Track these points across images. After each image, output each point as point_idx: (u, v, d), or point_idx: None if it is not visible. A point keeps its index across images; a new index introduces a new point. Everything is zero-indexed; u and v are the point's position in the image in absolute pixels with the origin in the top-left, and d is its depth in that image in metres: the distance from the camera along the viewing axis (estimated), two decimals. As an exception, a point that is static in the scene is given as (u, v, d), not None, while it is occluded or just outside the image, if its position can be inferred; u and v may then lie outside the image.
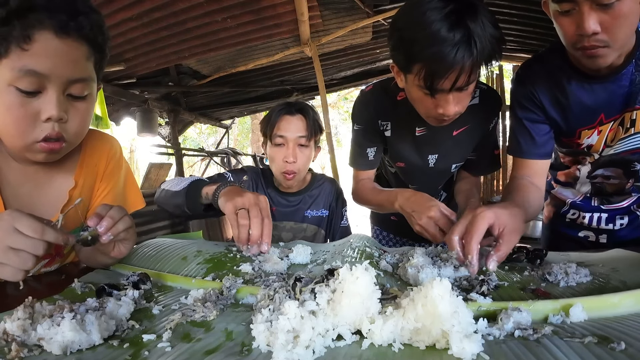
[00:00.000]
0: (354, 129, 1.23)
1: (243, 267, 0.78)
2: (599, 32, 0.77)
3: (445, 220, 0.92)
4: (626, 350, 0.41)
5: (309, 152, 1.33)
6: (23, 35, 0.64)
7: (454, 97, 0.90)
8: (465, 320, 0.44)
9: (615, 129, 0.95)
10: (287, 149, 1.28)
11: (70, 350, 0.46)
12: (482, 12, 0.83)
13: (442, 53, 0.81)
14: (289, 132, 1.28)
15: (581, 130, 0.98)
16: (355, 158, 1.27)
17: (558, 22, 0.84)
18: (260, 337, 0.46)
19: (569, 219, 1.17)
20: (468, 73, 0.85)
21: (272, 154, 1.31)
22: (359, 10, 3.47)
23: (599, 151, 1.00)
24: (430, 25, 0.81)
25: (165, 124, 6.19)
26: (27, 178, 0.83)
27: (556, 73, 0.96)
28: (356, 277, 0.48)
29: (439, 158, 1.20)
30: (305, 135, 1.29)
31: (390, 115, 1.16)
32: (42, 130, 0.71)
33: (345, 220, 1.45)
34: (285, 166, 1.28)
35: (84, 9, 0.71)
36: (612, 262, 0.72)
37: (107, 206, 0.69)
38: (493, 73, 5.40)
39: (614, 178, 1.03)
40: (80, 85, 0.73)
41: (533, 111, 1.02)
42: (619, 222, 1.07)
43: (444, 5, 0.81)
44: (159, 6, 2.74)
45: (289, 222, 1.38)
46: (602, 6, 0.75)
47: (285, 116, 1.29)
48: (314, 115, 1.33)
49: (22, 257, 0.57)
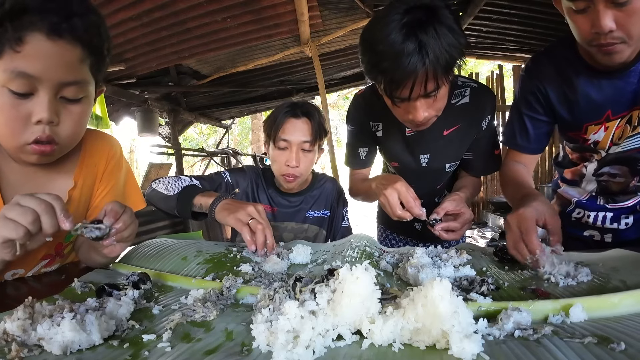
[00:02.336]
0: (347, 129, 1.31)
1: (243, 267, 0.78)
2: (615, 29, 0.77)
3: (407, 196, 0.98)
4: (626, 350, 0.41)
5: (312, 156, 1.30)
6: (15, 37, 0.64)
7: (422, 104, 0.94)
8: (465, 320, 0.44)
9: (622, 126, 0.95)
10: (290, 152, 1.25)
11: (70, 350, 0.46)
12: (443, 20, 0.85)
13: (396, 64, 0.85)
14: (294, 136, 1.24)
15: (588, 126, 0.99)
16: (348, 157, 1.35)
17: (572, 20, 0.84)
18: (260, 337, 0.46)
19: (574, 218, 1.17)
20: (423, 81, 0.87)
21: (274, 156, 1.29)
22: (359, 10, 3.47)
23: (606, 148, 1.01)
24: (387, 37, 0.85)
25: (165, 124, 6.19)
26: (27, 178, 0.83)
27: (565, 67, 0.97)
28: (356, 277, 0.48)
29: (431, 158, 1.21)
30: (310, 140, 1.25)
31: (382, 116, 1.19)
32: (33, 133, 0.70)
33: (346, 221, 1.44)
34: (287, 169, 1.25)
35: (80, 10, 0.69)
36: (612, 262, 0.72)
37: (122, 206, 0.69)
38: (493, 73, 5.41)
39: (619, 176, 1.03)
40: (73, 88, 0.72)
41: (536, 108, 1.04)
42: (624, 222, 1.07)
43: (401, 18, 0.85)
44: (159, 6, 2.74)
45: (290, 222, 1.36)
46: (618, 4, 0.75)
47: (291, 119, 1.25)
48: (319, 118, 1.29)
49: (9, 226, 0.58)
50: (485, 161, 1.24)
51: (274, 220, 1.35)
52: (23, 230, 0.58)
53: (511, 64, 5.10)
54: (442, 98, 0.97)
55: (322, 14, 3.32)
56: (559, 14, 0.90)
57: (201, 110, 6.23)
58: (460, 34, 0.87)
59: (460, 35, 0.87)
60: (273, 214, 1.36)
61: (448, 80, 0.93)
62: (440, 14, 0.85)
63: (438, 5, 0.86)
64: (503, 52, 4.71)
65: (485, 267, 0.77)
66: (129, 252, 0.91)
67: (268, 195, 1.36)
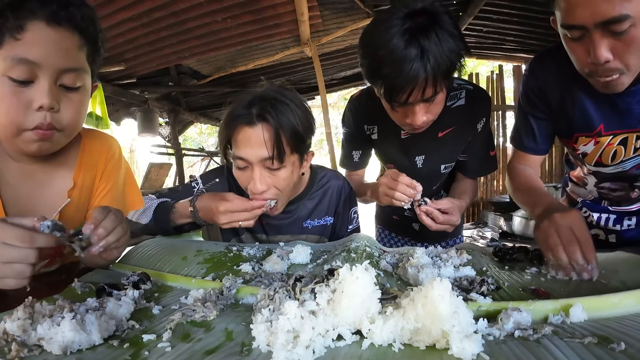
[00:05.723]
0: (343, 131, 1.31)
1: (243, 267, 0.78)
2: (612, 59, 0.73)
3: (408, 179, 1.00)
4: (626, 350, 0.41)
5: (285, 174, 0.94)
6: (16, 25, 0.66)
7: (420, 108, 0.94)
8: (465, 320, 0.44)
9: (614, 145, 0.93)
10: (252, 174, 0.92)
11: (70, 350, 0.46)
12: (444, 25, 0.85)
13: (397, 70, 0.85)
14: (249, 152, 0.91)
15: (578, 136, 0.98)
16: (342, 159, 1.37)
17: (569, 47, 0.81)
18: (260, 337, 0.46)
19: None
20: (423, 87, 0.88)
21: (237, 177, 0.98)
22: (359, 10, 3.47)
23: (592, 164, 1.00)
24: (388, 42, 0.85)
25: (165, 124, 6.19)
26: (25, 178, 0.83)
27: (567, 70, 0.92)
28: (356, 277, 0.48)
29: (426, 159, 1.22)
30: (272, 155, 0.89)
31: (377, 119, 1.19)
32: (34, 120, 0.72)
33: (355, 223, 1.20)
34: (255, 198, 0.94)
35: (76, 1, 0.73)
36: (612, 264, 0.72)
37: (104, 211, 0.68)
38: (493, 73, 5.41)
39: (619, 190, 1.03)
40: (72, 75, 0.73)
41: (539, 107, 1.03)
42: (627, 223, 1.08)
43: (402, 23, 0.85)
44: (159, 6, 2.74)
45: (284, 235, 1.11)
46: (615, 33, 0.70)
47: (243, 128, 0.90)
48: (289, 118, 0.91)
49: (16, 268, 0.56)
50: (480, 162, 1.24)
51: (264, 234, 1.13)
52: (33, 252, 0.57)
53: (511, 64, 5.10)
54: (440, 102, 0.98)
55: (322, 14, 3.32)
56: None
57: (201, 110, 6.23)
58: (461, 39, 0.88)
59: (461, 41, 0.87)
60: (262, 226, 1.12)
61: (447, 86, 0.93)
62: (441, 19, 0.85)
63: (439, 11, 0.86)
64: (503, 52, 4.71)
65: (485, 267, 0.77)
66: (129, 252, 0.91)
67: None
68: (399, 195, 1.00)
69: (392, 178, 1.01)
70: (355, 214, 1.20)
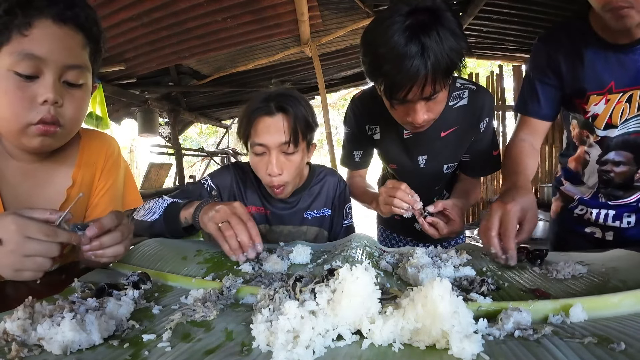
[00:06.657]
0: (344, 131, 1.31)
1: (243, 267, 0.78)
2: None
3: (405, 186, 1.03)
4: (626, 350, 0.41)
5: (297, 158, 1.08)
6: (24, 22, 0.70)
7: (422, 106, 0.95)
8: (465, 320, 0.44)
9: (622, 104, 0.98)
10: (269, 158, 1.05)
11: (70, 350, 0.46)
12: (446, 23, 0.85)
13: (398, 66, 0.85)
14: (269, 138, 1.04)
15: (590, 94, 1.02)
16: (343, 158, 1.38)
17: None
18: (260, 337, 0.46)
19: (577, 214, 1.18)
20: (423, 84, 0.88)
21: (254, 163, 1.10)
22: (359, 10, 3.48)
23: (602, 127, 1.03)
24: (389, 39, 0.85)
25: (165, 124, 6.20)
26: (25, 177, 0.83)
27: (577, 38, 1.01)
28: (356, 277, 0.48)
29: (429, 159, 1.21)
30: (289, 140, 1.04)
31: (379, 119, 1.19)
32: (38, 113, 0.74)
33: (349, 219, 1.30)
34: (271, 180, 1.07)
35: (80, 2, 0.77)
36: (612, 262, 0.72)
37: (109, 222, 0.67)
38: (493, 73, 5.41)
39: (623, 164, 1.04)
40: (75, 72, 0.76)
41: (546, 73, 1.07)
42: (626, 220, 1.08)
43: (404, 20, 0.85)
44: (159, 6, 2.75)
45: (286, 226, 1.21)
46: None
47: (264, 118, 1.04)
48: (302, 110, 1.07)
49: (38, 261, 0.60)
50: (483, 162, 1.24)
51: (267, 224, 1.22)
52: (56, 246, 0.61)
53: (511, 64, 5.10)
54: (441, 101, 0.98)
55: (322, 14, 3.32)
56: (559, 14, 0.92)
57: (201, 110, 6.24)
58: (462, 38, 0.87)
59: (462, 40, 0.87)
60: (266, 217, 1.22)
61: (447, 84, 0.93)
62: (444, 17, 0.85)
63: (441, 8, 0.85)
64: (503, 52, 4.71)
65: (485, 267, 0.77)
66: (129, 252, 0.91)
67: (260, 195, 1.21)
68: (397, 201, 1.01)
69: (392, 187, 1.04)
70: (349, 210, 1.31)
